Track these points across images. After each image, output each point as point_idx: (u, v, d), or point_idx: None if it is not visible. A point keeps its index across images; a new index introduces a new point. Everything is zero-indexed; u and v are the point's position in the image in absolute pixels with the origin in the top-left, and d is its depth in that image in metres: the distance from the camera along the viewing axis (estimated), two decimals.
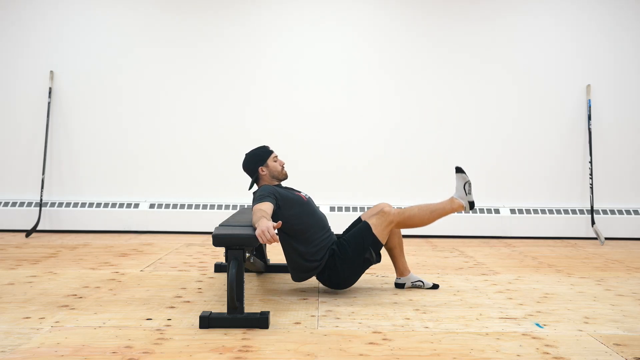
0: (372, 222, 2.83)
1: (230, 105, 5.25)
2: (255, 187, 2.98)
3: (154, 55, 5.24)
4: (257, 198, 2.63)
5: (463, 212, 2.98)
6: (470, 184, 2.95)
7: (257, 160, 2.90)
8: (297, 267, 2.79)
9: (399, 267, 3.00)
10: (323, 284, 2.88)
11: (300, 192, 2.90)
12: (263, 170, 2.90)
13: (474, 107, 5.24)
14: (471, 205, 2.94)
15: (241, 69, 5.25)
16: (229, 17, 5.26)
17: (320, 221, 2.83)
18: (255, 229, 2.35)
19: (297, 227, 2.73)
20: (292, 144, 5.17)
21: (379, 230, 2.81)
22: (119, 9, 5.25)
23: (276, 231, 2.73)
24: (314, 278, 3.20)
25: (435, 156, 5.22)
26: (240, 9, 5.26)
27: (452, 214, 2.99)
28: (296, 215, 2.73)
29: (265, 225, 2.26)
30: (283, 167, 2.95)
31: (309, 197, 2.91)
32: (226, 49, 5.24)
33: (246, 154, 2.94)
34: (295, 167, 5.02)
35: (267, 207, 2.52)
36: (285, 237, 2.75)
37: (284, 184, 3.10)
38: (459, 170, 2.98)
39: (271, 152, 2.94)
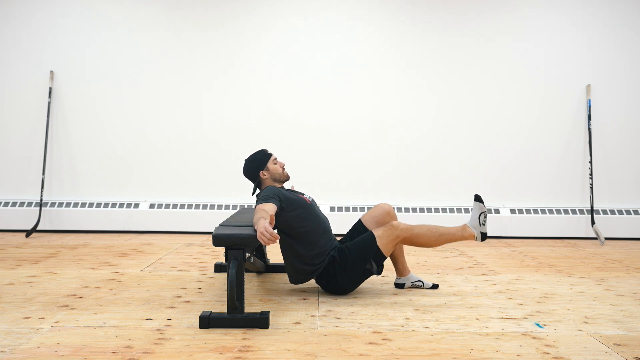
0: (378, 234, 2.79)
1: (232, 105, 5.25)
2: (258, 192, 2.98)
3: (154, 55, 5.24)
4: (262, 199, 2.63)
5: (474, 241, 2.93)
6: (486, 215, 2.88)
7: (257, 165, 2.90)
8: (295, 270, 2.79)
9: (399, 267, 3.00)
10: (321, 288, 2.88)
11: (303, 194, 2.89)
12: (264, 174, 2.90)
13: (473, 107, 5.24)
14: (483, 236, 2.87)
15: (243, 68, 5.24)
16: (230, 16, 5.25)
17: (322, 225, 2.82)
18: (255, 229, 2.36)
19: (300, 230, 2.73)
20: (294, 143, 5.18)
21: (383, 243, 2.77)
22: (120, 9, 5.25)
23: (276, 231, 2.73)
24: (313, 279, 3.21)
25: (436, 156, 5.22)
26: (241, 8, 5.26)
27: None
28: (299, 216, 2.73)
29: (263, 226, 2.26)
30: (284, 169, 2.94)
31: (312, 199, 2.90)
32: (228, 48, 5.24)
33: (245, 160, 2.94)
34: (296, 165, 5.03)
35: (270, 207, 2.51)
36: (287, 238, 2.74)
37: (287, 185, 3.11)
38: (477, 199, 2.90)
39: (270, 155, 2.94)
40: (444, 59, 5.24)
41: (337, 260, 2.78)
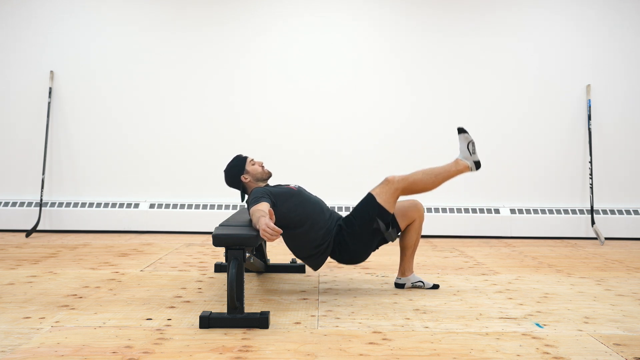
0: (376, 192, 2.81)
1: (231, 105, 5.25)
2: (247, 197, 3.00)
3: (154, 55, 5.24)
4: (252, 201, 2.64)
5: (469, 172, 2.89)
6: (473, 143, 2.88)
7: (236, 172, 2.93)
8: (311, 256, 2.80)
9: (404, 266, 2.98)
10: (338, 262, 2.88)
11: (288, 184, 2.92)
12: (246, 178, 2.92)
13: (473, 107, 5.24)
14: (477, 164, 2.87)
15: (245, 69, 5.24)
16: (230, 14, 5.25)
17: (317, 205, 2.83)
18: (257, 229, 2.36)
19: (297, 218, 2.74)
20: (293, 143, 5.19)
21: (384, 199, 2.78)
22: (121, 9, 5.25)
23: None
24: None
25: (436, 156, 5.18)
26: (241, 8, 5.26)
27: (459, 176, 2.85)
28: (292, 207, 2.75)
29: (264, 222, 2.27)
30: (263, 167, 2.96)
31: (299, 186, 2.92)
32: (229, 48, 5.24)
33: (224, 171, 2.97)
34: (295, 166, 5.04)
35: (264, 206, 2.52)
36: (289, 230, 2.75)
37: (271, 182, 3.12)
38: (461, 130, 2.90)
39: (245, 157, 2.96)
40: (444, 59, 5.24)
41: (344, 228, 2.80)
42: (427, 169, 2.88)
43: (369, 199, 2.82)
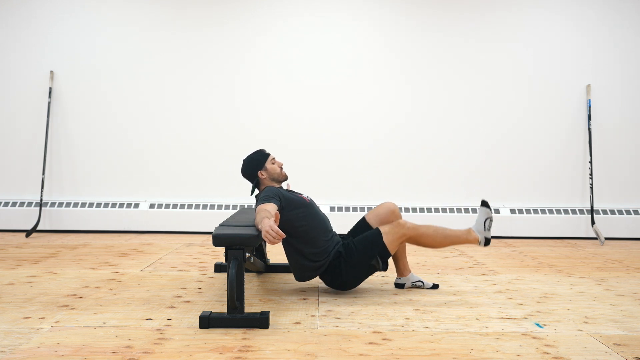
0: (385, 230, 2.81)
1: (231, 105, 5.25)
2: (257, 192, 2.99)
3: (154, 55, 5.24)
4: (262, 199, 2.64)
5: (477, 245, 2.94)
6: (491, 221, 2.91)
7: (255, 165, 2.92)
8: (300, 267, 2.80)
9: (400, 267, 3.00)
10: (325, 284, 2.89)
11: (301, 194, 2.92)
12: (262, 174, 2.91)
13: (473, 107, 5.24)
14: (487, 241, 2.89)
15: (243, 67, 5.25)
16: (230, 14, 5.25)
17: (322, 223, 2.83)
18: (259, 230, 2.36)
19: (301, 228, 2.74)
20: (292, 143, 5.18)
21: (389, 240, 2.79)
22: (121, 9, 5.25)
23: None
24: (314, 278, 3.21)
25: (435, 156, 5.21)
26: (241, 6, 5.26)
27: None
28: (299, 215, 2.74)
29: (268, 224, 2.27)
30: (282, 168, 2.96)
31: (311, 199, 2.92)
32: (229, 48, 5.24)
33: (243, 160, 2.96)
34: (295, 167, 5.03)
35: (271, 207, 2.52)
36: (289, 238, 2.75)
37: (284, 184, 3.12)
38: (484, 204, 2.92)
39: (268, 155, 2.95)
40: (444, 58, 5.24)
41: (342, 255, 2.80)
42: (439, 227, 2.90)
43: (376, 235, 2.82)
